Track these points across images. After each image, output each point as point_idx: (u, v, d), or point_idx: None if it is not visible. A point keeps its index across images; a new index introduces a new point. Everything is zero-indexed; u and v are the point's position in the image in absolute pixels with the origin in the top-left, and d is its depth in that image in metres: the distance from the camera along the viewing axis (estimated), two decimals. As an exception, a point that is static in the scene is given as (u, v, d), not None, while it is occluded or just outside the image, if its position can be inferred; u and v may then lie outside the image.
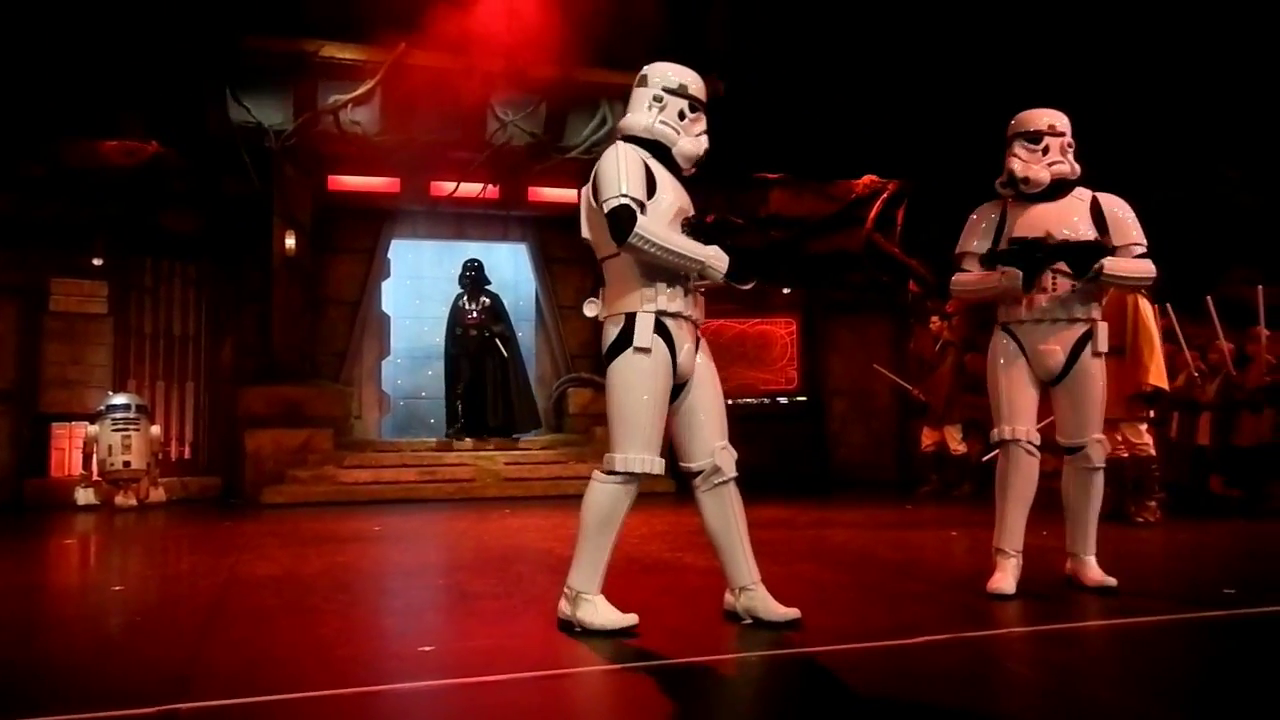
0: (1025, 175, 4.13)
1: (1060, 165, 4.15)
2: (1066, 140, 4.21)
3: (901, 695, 2.68)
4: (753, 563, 3.57)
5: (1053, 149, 4.16)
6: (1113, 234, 4.12)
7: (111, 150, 10.83)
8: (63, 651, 3.32)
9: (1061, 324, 4.09)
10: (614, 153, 3.49)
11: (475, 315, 11.74)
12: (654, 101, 3.70)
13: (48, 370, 10.59)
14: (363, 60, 10.54)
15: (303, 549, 5.99)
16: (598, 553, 3.44)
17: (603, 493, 3.54)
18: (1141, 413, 7.05)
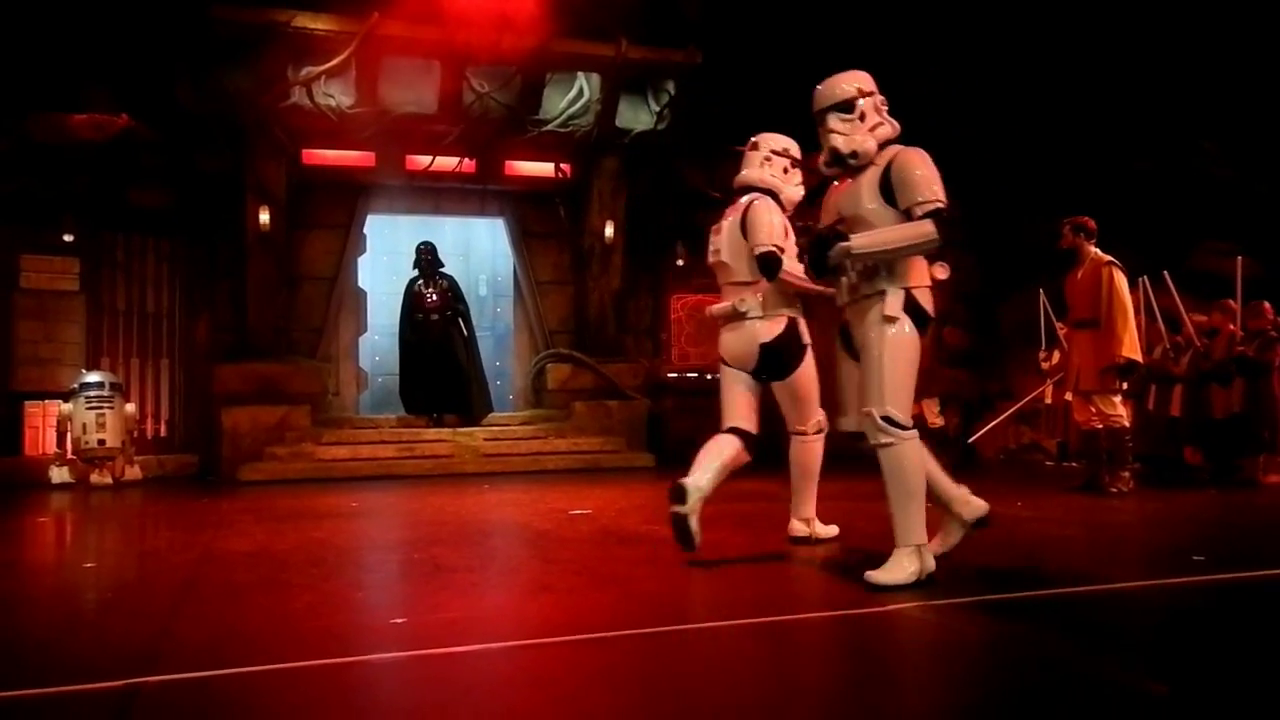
0: (852, 149, 3.72)
1: (883, 128, 3.77)
2: (878, 99, 3.83)
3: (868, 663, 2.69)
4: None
5: (869, 113, 3.78)
6: (898, 198, 3.58)
7: (80, 124, 10.66)
8: (31, 627, 3.29)
9: (863, 301, 3.70)
10: (765, 206, 4.54)
11: (435, 298, 11.62)
12: (764, 160, 4.81)
13: (20, 348, 10.48)
14: (335, 31, 10.40)
15: (278, 525, 5.96)
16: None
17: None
18: (1115, 385, 7.11)
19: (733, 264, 4.58)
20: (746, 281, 4.54)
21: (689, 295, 13.12)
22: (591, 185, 12.26)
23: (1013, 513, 6.08)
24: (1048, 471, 10.04)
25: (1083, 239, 7.25)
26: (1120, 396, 7.20)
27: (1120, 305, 7.01)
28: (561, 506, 6.67)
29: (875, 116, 3.80)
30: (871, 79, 3.89)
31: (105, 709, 2.22)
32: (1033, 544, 4.81)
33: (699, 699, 2.28)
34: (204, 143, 10.98)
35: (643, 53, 11.34)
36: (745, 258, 4.48)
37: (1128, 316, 7.02)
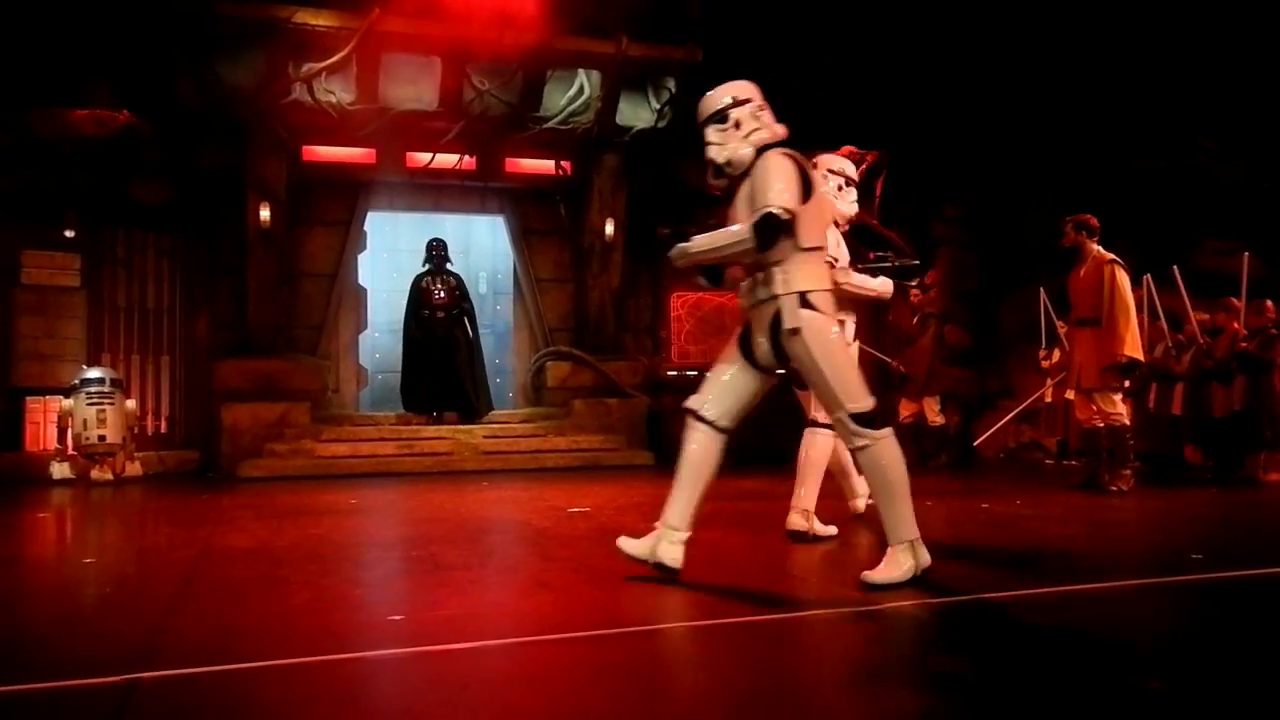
0: (726, 158, 3.71)
1: (759, 133, 3.71)
2: (755, 106, 3.77)
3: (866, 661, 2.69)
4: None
5: (744, 121, 3.74)
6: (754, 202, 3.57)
7: (82, 120, 10.66)
8: (30, 623, 3.29)
9: (760, 306, 3.65)
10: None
11: (443, 295, 11.63)
12: (821, 178, 4.60)
13: (21, 344, 10.48)
14: (336, 27, 10.40)
15: (278, 522, 5.96)
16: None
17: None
18: (1116, 383, 7.09)
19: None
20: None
21: (689, 293, 13.11)
22: (592, 183, 12.25)
23: (1012, 510, 6.08)
24: (1048, 470, 10.04)
25: (1085, 237, 7.22)
26: (1121, 395, 7.19)
27: (1122, 304, 6.99)
28: (560, 504, 6.68)
29: (751, 123, 3.74)
30: (753, 87, 3.86)
31: (103, 704, 2.22)
32: (1032, 542, 4.80)
33: (696, 697, 2.28)
34: (205, 139, 10.98)
35: (643, 50, 11.34)
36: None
37: (1129, 315, 7.01)
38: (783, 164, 3.56)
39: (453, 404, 11.50)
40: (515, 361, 12.98)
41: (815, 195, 3.60)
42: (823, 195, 3.58)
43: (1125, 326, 6.97)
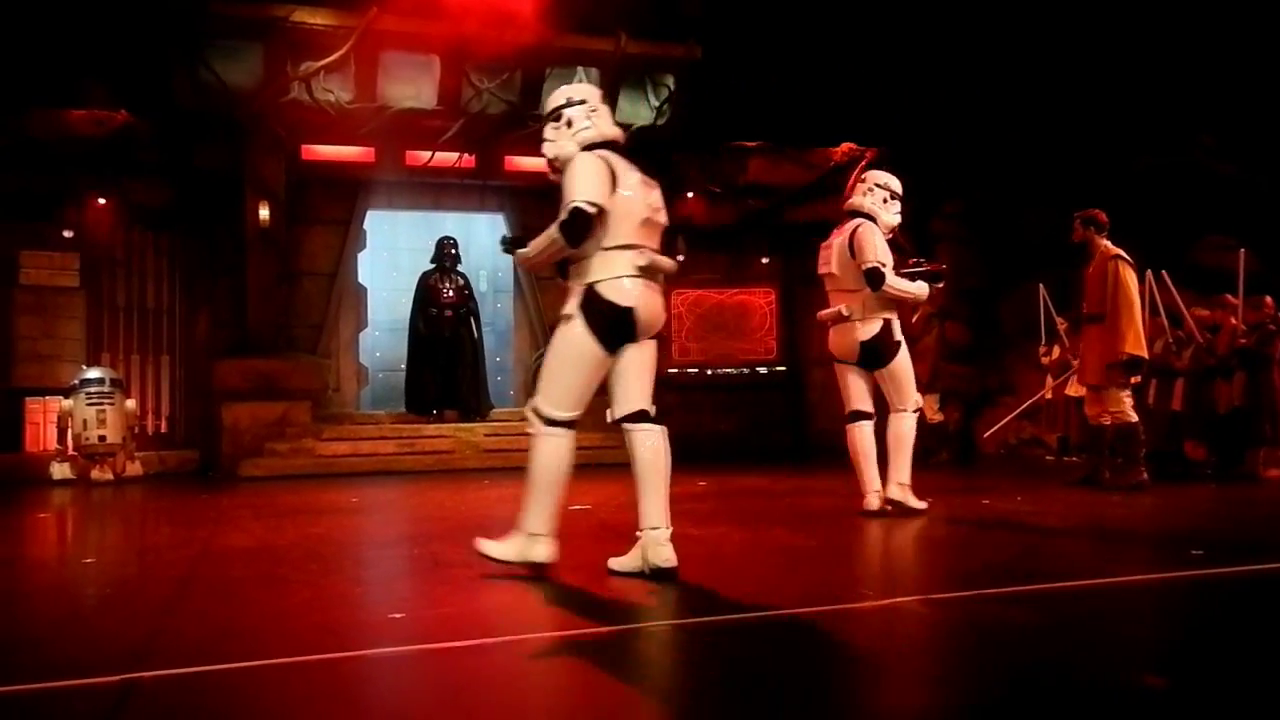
0: (555, 154, 3.83)
1: (586, 132, 3.81)
2: (588, 108, 3.87)
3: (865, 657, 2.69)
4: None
5: (576, 119, 3.83)
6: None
7: (79, 120, 10.65)
8: (29, 623, 3.29)
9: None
10: (869, 230, 5.48)
11: (451, 294, 11.63)
12: (868, 190, 5.67)
13: (20, 344, 10.48)
14: (334, 26, 10.39)
15: (278, 521, 5.96)
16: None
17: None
18: (1122, 380, 7.03)
19: (842, 275, 5.55)
20: (851, 290, 5.52)
21: (689, 290, 13.11)
22: (592, 180, 12.21)
23: (1013, 507, 6.08)
24: (1048, 466, 10.04)
25: (1093, 232, 7.14)
26: (1127, 392, 7.12)
27: (1125, 300, 6.95)
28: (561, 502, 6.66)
29: (583, 123, 3.82)
30: (591, 90, 3.99)
31: (101, 704, 2.21)
32: (1033, 538, 4.80)
33: (694, 694, 2.28)
34: (203, 138, 10.97)
35: (642, 47, 11.33)
36: (851, 271, 5.47)
37: (1132, 311, 6.96)
38: (590, 163, 3.67)
39: (454, 403, 11.50)
40: (515, 360, 12.97)
41: (621, 196, 3.66)
42: (630, 198, 3.68)
43: (1127, 323, 6.93)
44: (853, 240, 5.47)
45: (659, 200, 3.88)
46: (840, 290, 5.60)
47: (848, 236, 5.52)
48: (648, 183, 3.85)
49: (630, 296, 3.65)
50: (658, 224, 3.85)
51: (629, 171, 3.77)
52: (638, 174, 3.81)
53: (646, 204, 3.77)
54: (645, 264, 3.67)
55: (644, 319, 3.70)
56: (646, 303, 3.70)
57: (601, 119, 3.87)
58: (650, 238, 3.79)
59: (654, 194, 3.86)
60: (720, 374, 13.09)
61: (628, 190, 3.70)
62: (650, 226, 3.79)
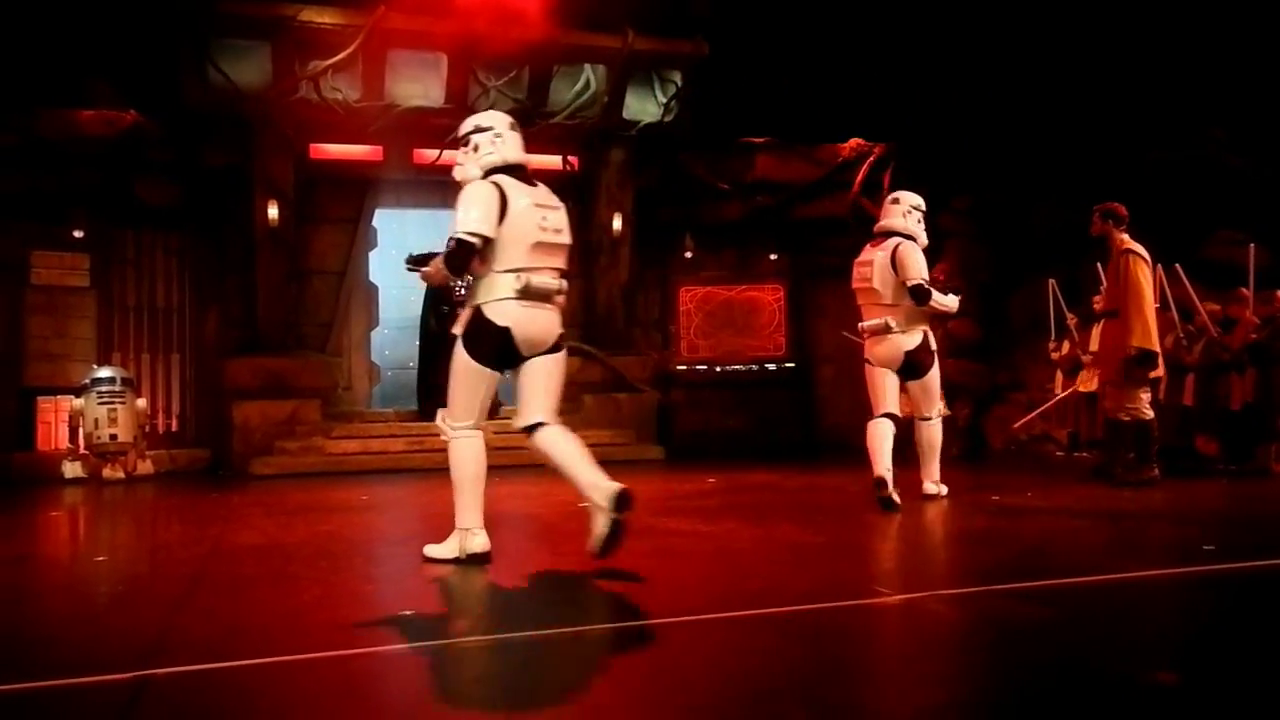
0: (461, 177, 4.06)
1: (489, 158, 4.03)
2: (493, 134, 4.09)
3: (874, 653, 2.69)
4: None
5: (482, 145, 4.06)
6: None
7: (89, 120, 10.70)
8: (42, 621, 3.31)
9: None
10: (913, 248, 5.87)
11: (463, 292, 11.57)
12: (905, 213, 6.04)
13: (31, 344, 10.54)
14: (342, 24, 10.42)
15: (288, 519, 5.98)
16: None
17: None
18: (1138, 375, 6.99)
19: (882, 290, 5.86)
20: (891, 304, 5.86)
21: (697, 287, 13.11)
22: (599, 178, 12.25)
23: (1023, 503, 6.07)
24: (1058, 462, 10.01)
25: (1111, 226, 7.07)
26: (1146, 389, 7.06)
27: (1134, 293, 6.90)
28: (570, 499, 6.63)
29: (487, 149, 4.05)
30: (499, 117, 4.19)
31: (114, 701, 2.23)
32: (1043, 534, 4.79)
33: (704, 690, 2.28)
34: (211, 138, 11.00)
35: (650, 44, 11.33)
36: (893, 286, 5.82)
37: (1141, 305, 6.91)
38: (478, 191, 3.86)
39: None
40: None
41: (511, 221, 3.83)
42: (521, 222, 3.85)
43: (1135, 317, 6.89)
44: (895, 257, 5.83)
45: (559, 222, 3.99)
46: (880, 304, 5.93)
47: (890, 254, 5.86)
48: (547, 205, 3.97)
49: (508, 317, 3.87)
50: (556, 245, 3.98)
51: (522, 196, 3.89)
52: (535, 198, 3.93)
53: (540, 227, 3.88)
54: (522, 287, 3.84)
55: (523, 337, 3.92)
56: (525, 322, 3.90)
57: (506, 145, 4.06)
58: (545, 259, 3.94)
59: (553, 216, 3.97)
60: (729, 371, 13.09)
61: (518, 215, 3.84)
62: (545, 249, 3.92)
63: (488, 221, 3.81)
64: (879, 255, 5.93)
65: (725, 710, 2.12)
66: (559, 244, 4.01)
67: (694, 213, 12.85)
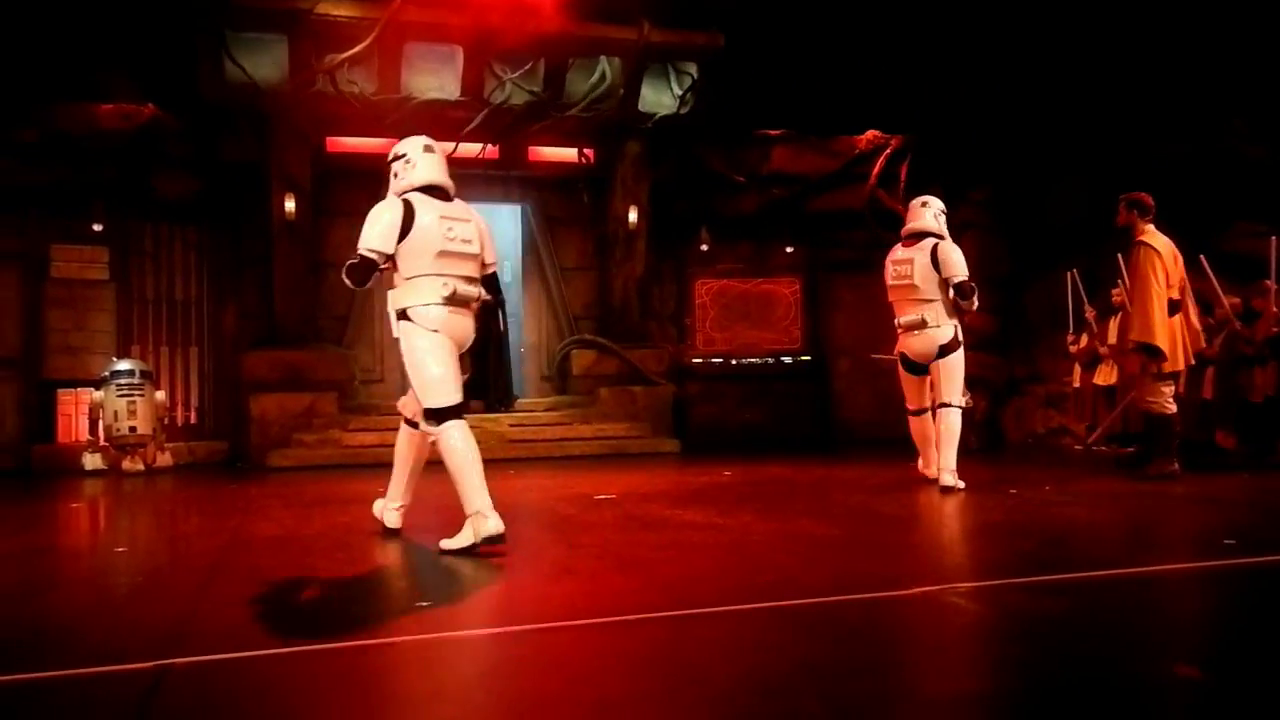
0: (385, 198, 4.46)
1: (400, 181, 4.41)
2: (405, 160, 4.43)
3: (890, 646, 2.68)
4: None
5: (400, 171, 4.43)
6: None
7: (107, 114, 10.76)
8: (64, 611, 3.34)
9: None
10: (954, 247, 6.33)
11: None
12: (935, 216, 6.50)
13: (51, 337, 10.62)
14: (358, 17, 10.43)
15: (305, 510, 6.02)
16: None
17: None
18: (1154, 368, 6.92)
19: (923, 287, 6.28)
20: (928, 300, 6.29)
21: (713, 280, 13.09)
22: (614, 170, 12.24)
23: (1041, 496, 6.04)
24: (1076, 456, 9.95)
25: (1136, 216, 7.00)
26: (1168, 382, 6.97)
27: (1138, 286, 6.82)
28: (586, 491, 6.69)
29: (402, 173, 4.41)
30: (412, 143, 4.49)
31: (133, 689, 2.24)
32: (1062, 527, 4.77)
33: (718, 682, 2.28)
34: (229, 131, 11.05)
35: (665, 36, 11.30)
36: (934, 283, 6.26)
37: (1143, 299, 6.78)
38: (380, 211, 4.27)
39: (480, 393, 11.51)
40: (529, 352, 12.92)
41: (415, 234, 4.20)
42: (425, 235, 4.21)
43: (1136, 311, 6.83)
44: (937, 256, 6.26)
45: (468, 233, 4.37)
46: (919, 300, 6.33)
47: (930, 253, 6.29)
48: (455, 218, 4.33)
49: (436, 322, 4.28)
50: (464, 255, 4.34)
51: (429, 211, 4.24)
52: (445, 211, 4.30)
53: (445, 237, 4.25)
54: (449, 294, 4.24)
55: (451, 340, 4.38)
56: (451, 327, 4.34)
57: (418, 169, 4.36)
58: (452, 266, 4.30)
59: (460, 227, 4.33)
60: (745, 364, 13.07)
61: (424, 227, 4.20)
62: (451, 257, 4.29)
63: (386, 239, 4.21)
64: (918, 254, 6.31)
65: (740, 702, 2.12)
66: (467, 253, 4.36)
67: (709, 205, 12.83)
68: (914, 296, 6.34)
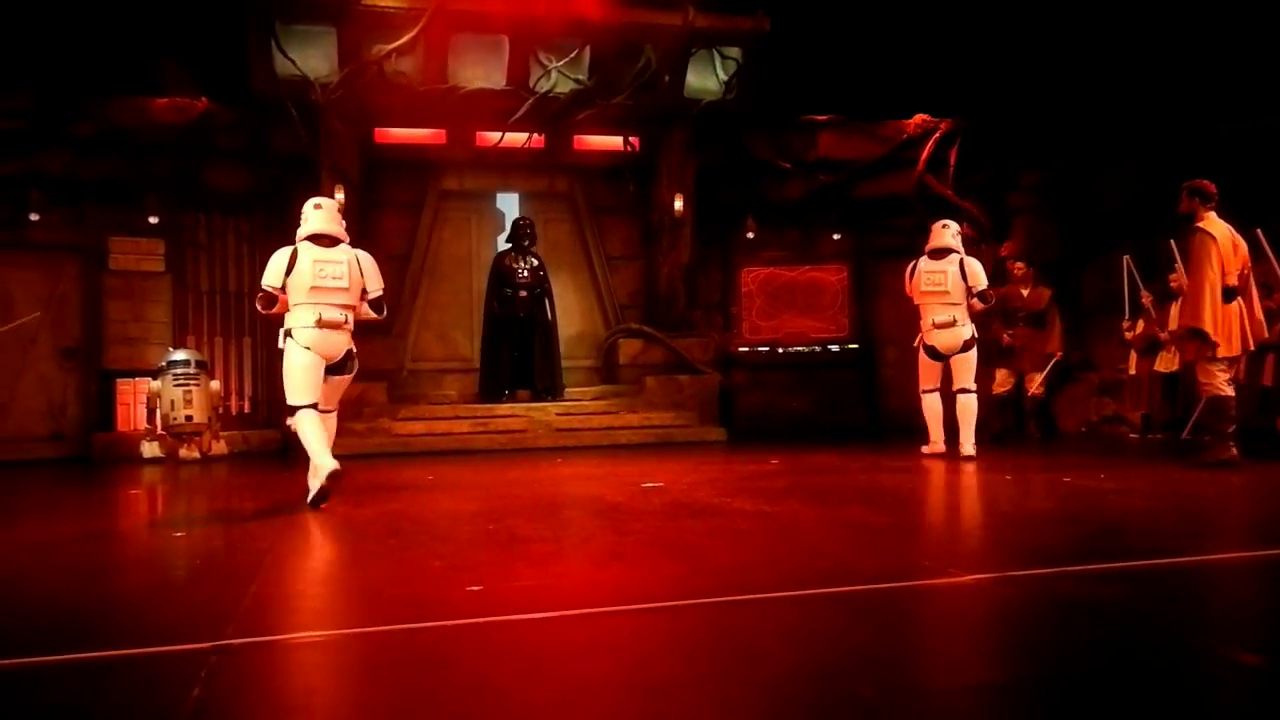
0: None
1: (301, 230, 5.76)
2: (304, 216, 5.79)
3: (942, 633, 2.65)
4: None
5: (302, 223, 5.78)
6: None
7: (161, 108, 10.95)
8: (125, 592, 3.42)
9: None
10: (978, 262, 7.91)
11: (525, 274, 11.62)
12: (955, 235, 7.93)
13: (110, 328, 10.85)
14: (405, 8, 10.50)
15: (357, 497, 6.09)
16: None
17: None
18: (1206, 352, 6.81)
19: (953, 293, 7.69)
20: (957, 303, 7.70)
21: (759, 268, 13.02)
22: (660, 158, 12.22)
23: (1096, 484, 5.94)
24: (1131, 444, 9.77)
25: (1198, 203, 6.92)
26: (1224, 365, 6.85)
27: (1193, 271, 6.79)
28: (634, 479, 6.70)
29: (301, 225, 5.76)
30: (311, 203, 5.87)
31: (194, 667, 2.29)
32: (1117, 515, 4.68)
33: (771, 667, 2.27)
34: (279, 123, 11.19)
35: (710, 21, 11.24)
36: (961, 291, 7.70)
37: (1198, 284, 6.73)
38: (275, 256, 5.67)
39: (527, 383, 11.59)
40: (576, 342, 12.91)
41: (296, 272, 5.57)
42: (302, 273, 5.57)
43: (1190, 295, 6.80)
44: (964, 268, 7.71)
45: (338, 271, 5.65)
46: (949, 304, 7.71)
47: (959, 265, 7.73)
48: (328, 260, 5.65)
49: (309, 339, 5.57)
50: (334, 289, 5.64)
51: (308, 256, 5.62)
52: (321, 255, 5.64)
53: (317, 275, 5.59)
54: (316, 319, 5.54)
55: (320, 352, 5.62)
56: (320, 343, 5.59)
57: (310, 223, 5.72)
58: (324, 297, 5.61)
59: (331, 267, 5.63)
60: (791, 352, 13.00)
61: (302, 268, 5.57)
62: (321, 290, 5.59)
63: (276, 275, 5.60)
64: (949, 267, 7.73)
65: (794, 687, 2.11)
66: (336, 287, 5.66)
67: (756, 192, 12.75)
68: (945, 301, 7.71)
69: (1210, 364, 6.76)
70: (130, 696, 2.18)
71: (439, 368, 12.42)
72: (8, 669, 2.35)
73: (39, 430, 10.69)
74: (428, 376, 12.24)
